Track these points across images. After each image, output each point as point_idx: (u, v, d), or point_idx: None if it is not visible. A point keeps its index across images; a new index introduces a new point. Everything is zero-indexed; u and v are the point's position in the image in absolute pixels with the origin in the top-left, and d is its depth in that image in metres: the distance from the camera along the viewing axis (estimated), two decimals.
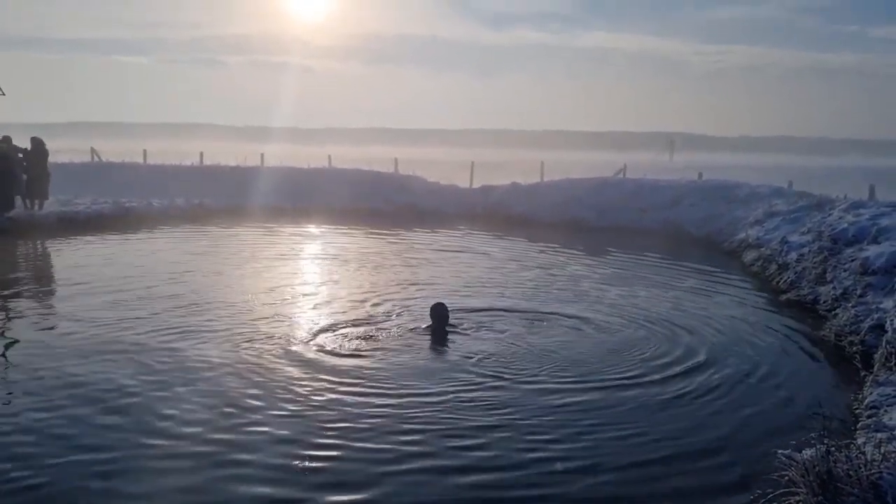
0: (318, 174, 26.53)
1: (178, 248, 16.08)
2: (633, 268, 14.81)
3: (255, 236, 18.31)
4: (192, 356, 7.95)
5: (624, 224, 21.38)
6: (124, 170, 26.71)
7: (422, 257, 15.59)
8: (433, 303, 9.49)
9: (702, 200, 21.46)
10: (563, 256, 16.21)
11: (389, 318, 9.77)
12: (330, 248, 16.77)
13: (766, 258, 14.38)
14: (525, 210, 23.01)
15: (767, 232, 16.06)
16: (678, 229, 20.31)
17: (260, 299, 10.81)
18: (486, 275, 13.49)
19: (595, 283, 12.92)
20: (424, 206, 24.21)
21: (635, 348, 8.63)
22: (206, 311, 9.97)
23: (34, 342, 8.46)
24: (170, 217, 20.99)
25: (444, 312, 9.21)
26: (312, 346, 8.42)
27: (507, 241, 18.67)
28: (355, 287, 11.93)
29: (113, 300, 10.59)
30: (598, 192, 23.28)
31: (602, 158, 73.48)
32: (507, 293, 11.71)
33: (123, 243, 16.70)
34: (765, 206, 18.50)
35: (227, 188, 24.38)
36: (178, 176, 26.06)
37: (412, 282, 12.47)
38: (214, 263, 14.29)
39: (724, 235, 18.48)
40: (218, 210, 22.46)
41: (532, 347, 8.57)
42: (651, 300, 11.45)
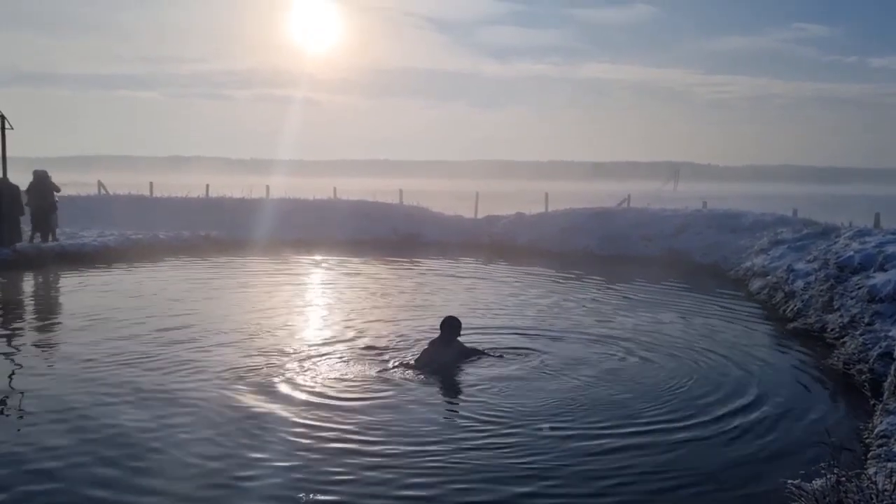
0: (324, 206, 26.66)
1: (183, 281, 16.10)
2: (638, 297, 14.76)
3: (260, 268, 18.33)
4: (194, 392, 7.89)
5: (629, 253, 21.37)
6: (131, 202, 26.90)
7: (427, 286, 15.56)
8: (445, 316, 9.30)
9: (707, 229, 21.47)
10: (570, 285, 16.18)
11: (395, 348, 9.71)
12: (335, 279, 16.77)
13: (772, 286, 14.32)
14: (530, 240, 23.03)
15: (773, 260, 16.02)
16: (683, 258, 20.28)
17: (264, 332, 10.76)
18: (496, 304, 13.45)
19: (603, 311, 12.87)
20: (429, 236, 24.27)
21: (646, 381, 8.50)
22: (211, 345, 9.91)
23: (35, 375, 8.44)
24: (176, 249, 21.06)
25: (457, 324, 9.01)
26: (316, 382, 8.26)
27: (513, 270, 18.65)
28: (361, 318, 11.88)
29: (116, 333, 10.57)
30: (602, 222, 23.31)
31: (606, 188, 73.70)
32: (519, 322, 11.65)
33: (129, 275, 16.72)
34: (770, 235, 18.48)
35: (232, 220, 24.51)
36: (184, 208, 26.22)
37: (418, 310, 12.43)
38: (219, 296, 14.30)
39: (729, 264, 18.44)
40: (224, 242, 22.54)
41: (553, 377, 8.41)
42: (657, 330, 11.38)
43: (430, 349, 8.86)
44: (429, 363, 8.64)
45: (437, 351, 8.80)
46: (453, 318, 9.19)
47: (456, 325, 9.05)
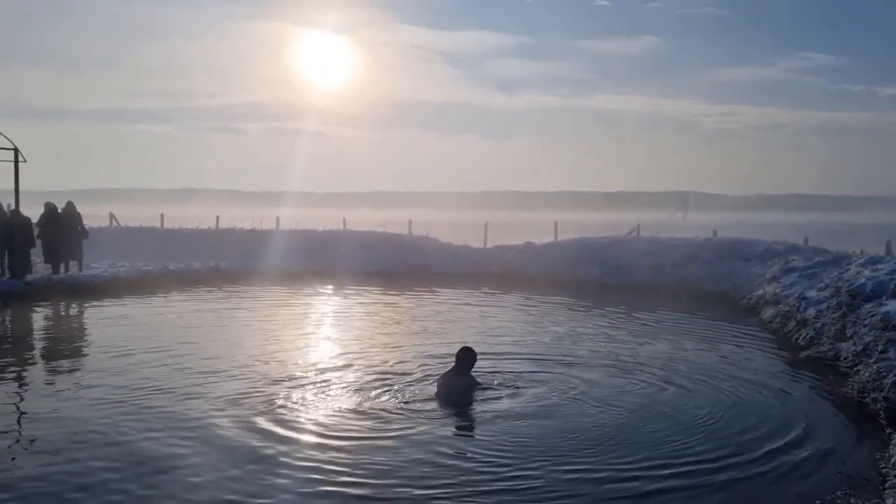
0: (333, 237, 26.73)
1: (194, 311, 16.14)
2: (650, 326, 14.69)
3: (270, 299, 18.34)
4: (206, 420, 7.88)
5: (639, 281, 21.27)
6: (142, 234, 27.04)
7: (438, 315, 15.54)
8: (460, 347, 9.17)
9: (717, 257, 21.38)
10: (582, 313, 16.13)
11: (406, 378, 9.66)
12: (346, 309, 16.78)
13: (784, 315, 14.21)
14: (539, 269, 22.96)
15: (785, 288, 15.91)
16: (694, 286, 20.16)
17: (276, 362, 10.74)
18: (509, 332, 13.42)
19: (618, 339, 12.81)
20: (439, 266, 24.25)
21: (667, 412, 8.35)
22: (221, 374, 9.91)
23: (46, 406, 8.44)
24: (186, 280, 21.11)
25: (472, 356, 8.90)
26: (326, 413, 8.25)
27: (524, 299, 18.61)
28: (371, 347, 11.86)
29: (126, 363, 10.59)
30: (612, 251, 23.25)
31: (615, 218, 73.71)
32: (534, 350, 11.63)
33: (140, 307, 16.76)
34: (781, 263, 18.39)
35: (242, 251, 24.59)
36: (195, 240, 26.33)
37: (429, 340, 12.40)
38: (230, 326, 14.32)
39: (741, 292, 18.33)
40: (234, 273, 22.59)
41: (576, 409, 8.27)
42: (673, 358, 11.29)
43: (443, 380, 8.79)
44: (442, 395, 8.57)
45: (450, 383, 8.70)
46: (468, 349, 9.08)
47: (471, 356, 8.94)
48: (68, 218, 19.63)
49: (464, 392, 8.64)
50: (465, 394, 8.62)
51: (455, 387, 8.63)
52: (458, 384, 8.68)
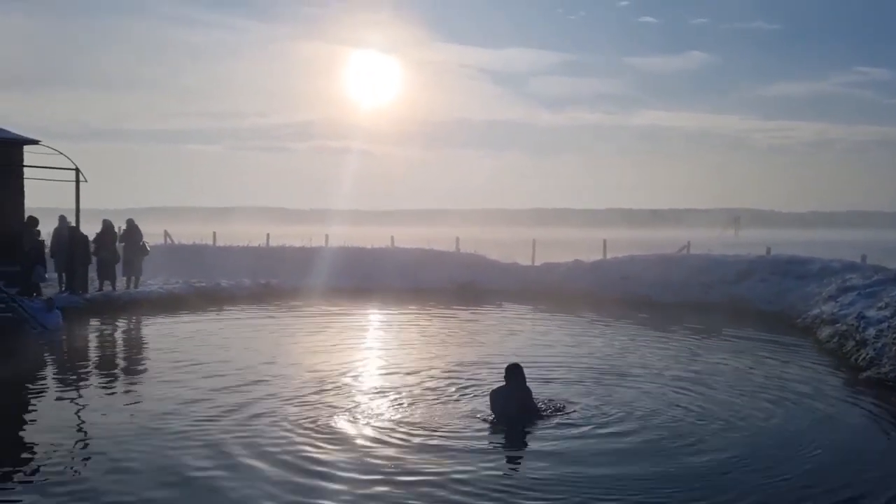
0: (382, 254, 26.88)
1: (245, 328, 16.41)
2: (704, 345, 14.46)
3: (319, 316, 18.53)
4: (255, 436, 7.96)
5: (690, 300, 20.91)
6: (195, 251, 27.55)
7: (487, 333, 15.50)
8: (509, 364, 8.85)
9: (771, 275, 20.92)
10: (633, 332, 15.95)
11: (458, 393, 9.65)
12: (397, 326, 16.88)
13: (842, 334, 13.81)
14: (589, 287, 22.75)
15: (842, 307, 15.48)
16: (747, 305, 19.76)
17: (324, 381, 10.79)
18: (563, 349, 13.32)
19: (676, 359, 12.62)
20: (487, 284, 24.20)
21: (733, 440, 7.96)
22: (272, 393, 10.00)
23: (104, 419, 8.63)
24: (238, 297, 21.46)
25: (520, 372, 8.60)
26: (382, 428, 8.24)
27: (573, 317, 18.47)
28: (423, 363, 11.88)
29: (180, 378, 10.79)
30: (662, 268, 22.93)
31: (665, 235, 72.72)
32: (586, 370, 11.50)
33: (193, 323, 17.09)
34: (838, 281, 17.91)
35: (292, 269, 24.84)
36: (246, 257, 26.71)
37: (479, 357, 12.36)
38: (280, 342, 14.50)
39: (796, 311, 17.88)
40: (284, 290, 22.88)
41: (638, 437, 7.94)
42: (729, 381, 11.05)
43: (495, 397, 8.63)
44: (495, 412, 8.46)
45: (502, 401, 8.52)
46: (516, 365, 8.87)
47: (519, 372, 8.72)
48: (130, 235, 20.15)
49: (521, 409, 8.46)
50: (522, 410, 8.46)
51: (508, 405, 8.44)
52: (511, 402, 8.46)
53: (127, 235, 20.14)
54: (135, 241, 20.26)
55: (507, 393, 8.53)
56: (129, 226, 20.41)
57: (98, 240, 19.54)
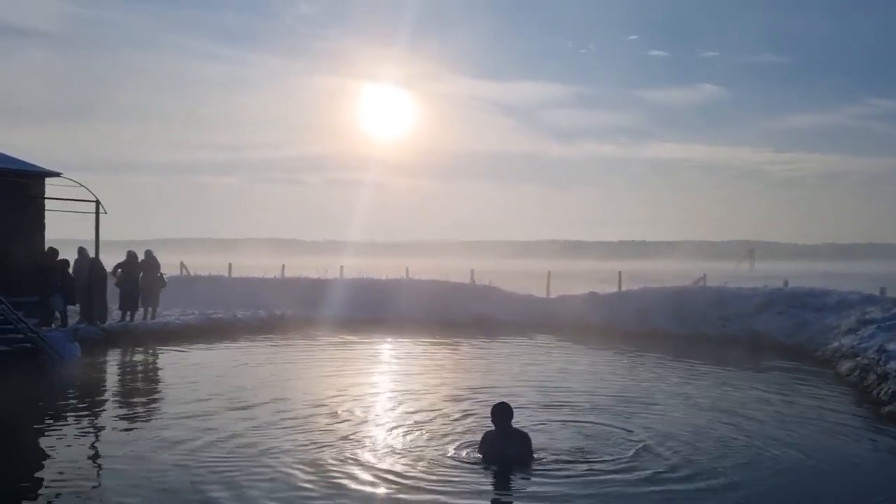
0: (397, 286, 26.90)
1: (260, 359, 16.43)
2: (723, 379, 14.31)
3: (333, 347, 18.54)
4: (269, 467, 7.93)
5: (706, 333, 20.77)
6: (211, 283, 27.72)
7: (500, 366, 15.45)
8: (494, 405, 8.17)
9: (789, 308, 20.76)
10: (650, 366, 15.84)
11: (466, 431, 9.59)
12: (409, 359, 16.84)
13: (862, 368, 13.66)
14: (604, 319, 22.66)
15: (862, 340, 15.34)
16: (765, 338, 19.60)
17: (338, 413, 10.76)
18: (577, 384, 13.20)
19: (693, 395, 12.51)
20: (502, 316, 24.15)
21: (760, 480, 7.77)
22: (285, 423, 9.99)
23: (120, 451, 8.64)
24: (253, 328, 21.52)
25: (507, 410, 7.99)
26: (381, 465, 8.18)
27: (588, 350, 18.39)
28: (433, 397, 11.84)
29: (196, 410, 10.79)
30: (678, 301, 22.82)
31: (680, 267, 72.47)
32: (600, 405, 11.37)
33: (209, 354, 17.15)
34: (857, 314, 17.77)
35: (307, 300, 24.91)
36: (262, 288, 26.83)
37: (489, 391, 12.29)
38: (295, 374, 14.52)
39: (815, 344, 17.72)
40: (299, 321, 22.93)
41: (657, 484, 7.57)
42: (749, 414, 10.91)
43: (487, 443, 8.11)
44: (489, 456, 7.99)
45: (495, 444, 8.00)
46: (502, 405, 8.17)
47: (500, 414, 8.03)
48: (148, 266, 20.32)
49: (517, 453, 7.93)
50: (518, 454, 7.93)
51: (505, 446, 7.93)
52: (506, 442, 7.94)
53: (145, 267, 20.30)
54: (153, 273, 20.42)
55: (491, 437, 8.06)
56: (148, 257, 20.58)
57: (121, 270, 19.71)
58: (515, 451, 7.94)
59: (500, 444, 7.96)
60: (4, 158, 18.19)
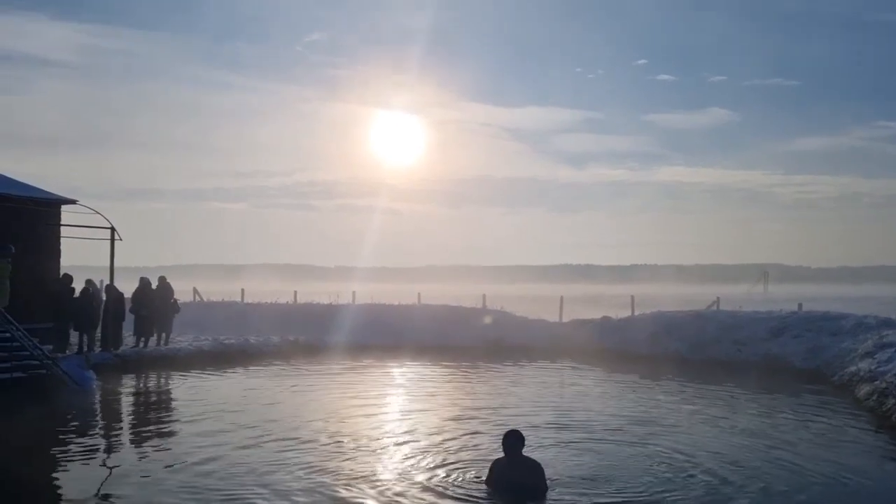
0: (409, 311, 26.87)
1: (272, 385, 16.42)
2: (742, 405, 14.19)
3: (346, 373, 18.51)
4: (282, 496, 7.90)
5: (721, 357, 20.60)
6: (224, 309, 27.79)
7: (512, 392, 15.36)
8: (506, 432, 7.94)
9: (805, 332, 20.57)
10: (664, 391, 15.73)
11: (475, 458, 9.53)
12: (423, 384, 16.78)
13: (881, 392, 13.50)
14: (618, 344, 22.54)
15: (881, 364, 15.16)
16: (781, 362, 19.42)
17: (347, 438, 10.72)
18: (586, 413, 13.09)
19: (703, 421, 12.40)
20: (515, 341, 24.02)
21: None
22: (297, 449, 9.97)
23: (135, 475, 8.63)
24: (266, 354, 21.50)
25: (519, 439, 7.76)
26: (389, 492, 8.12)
27: (602, 374, 18.27)
28: (443, 423, 11.78)
29: (207, 434, 10.78)
30: (692, 325, 22.67)
31: (693, 291, 72.11)
32: (613, 432, 11.29)
33: (221, 380, 17.15)
34: (874, 338, 17.58)
35: (320, 325, 24.89)
36: (274, 314, 26.86)
37: (500, 417, 12.22)
38: (306, 399, 14.48)
39: (832, 368, 17.53)
40: (311, 347, 22.91)
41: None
42: (772, 443, 10.74)
43: (496, 471, 7.92)
44: (498, 485, 7.82)
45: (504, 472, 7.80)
46: (513, 432, 7.95)
47: (517, 440, 7.83)
48: (162, 292, 20.41)
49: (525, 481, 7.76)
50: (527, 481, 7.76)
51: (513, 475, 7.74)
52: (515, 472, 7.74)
53: (159, 293, 20.39)
54: (166, 299, 20.50)
55: (499, 467, 7.87)
56: (161, 283, 20.68)
57: (135, 297, 19.79)
58: (526, 480, 7.78)
59: (511, 473, 7.80)
60: (22, 186, 18.40)
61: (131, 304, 19.68)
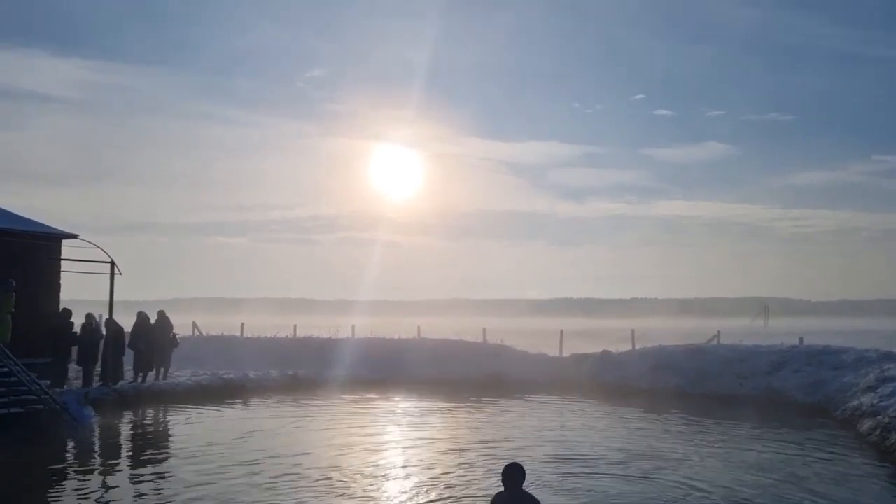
0: (408, 345, 26.77)
1: (271, 420, 16.30)
2: (743, 440, 14.08)
3: (345, 408, 18.40)
4: None
5: (722, 392, 20.49)
6: (223, 343, 27.68)
7: (512, 426, 15.25)
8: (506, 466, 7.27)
9: (806, 366, 20.48)
10: (665, 426, 15.61)
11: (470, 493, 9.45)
12: (421, 419, 16.66)
13: (884, 427, 13.42)
14: (618, 378, 22.43)
15: (883, 399, 15.09)
16: (782, 397, 19.32)
17: (348, 474, 10.66)
18: (587, 449, 12.99)
19: (705, 456, 12.30)
20: (515, 375, 23.91)
21: None
22: (293, 485, 9.91)
23: None
24: (265, 388, 21.38)
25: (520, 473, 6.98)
26: None
27: (603, 409, 18.15)
28: (441, 460, 11.69)
29: (205, 471, 10.70)
30: (693, 359, 22.58)
31: (693, 325, 71.84)
32: (614, 467, 11.20)
33: (220, 415, 17.04)
34: (876, 371, 17.51)
35: (319, 360, 24.80)
36: (273, 348, 26.76)
37: (500, 453, 12.13)
38: (305, 435, 14.38)
39: (834, 403, 17.43)
40: (311, 381, 22.79)
41: None
42: (775, 481, 10.66)
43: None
44: None
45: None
46: (514, 465, 7.21)
47: (518, 474, 7.04)
48: (161, 326, 20.35)
49: None
50: None
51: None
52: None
53: (157, 327, 20.32)
54: (165, 333, 20.43)
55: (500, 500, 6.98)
56: (160, 317, 20.62)
57: (134, 332, 19.72)
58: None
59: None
60: (23, 221, 18.45)
61: (130, 338, 19.59)
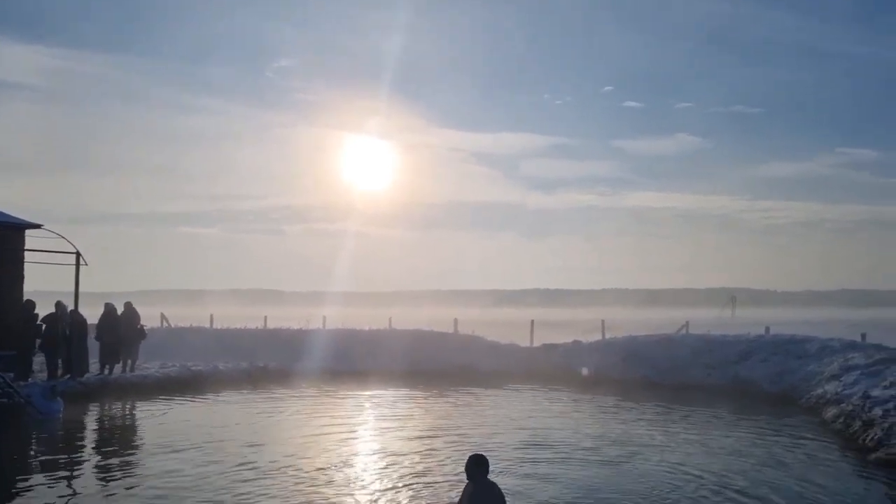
0: (379, 336, 26.71)
1: (240, 412, 16.18)
2: (711, 428, 14.26)
3: (315, 400, 18.32)
4: None
5: (691, 381, 20.73)
6: (192, 334, 27.37)
7: (482, 417, 15.30)
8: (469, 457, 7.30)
9: (772, 355, 20.80)
10: (633, 415, 15.77)
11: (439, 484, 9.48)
12: (391, 411, 16.65)
13: (848, 414, 13.68)
14: (589, 368, 22.60)
15: (846, 387, 15.38)
16: (749, 385, 19.61)
17: (315, 466, 10.60)
18: (555, 437, 13.08)
19: (672, 444, 12.44)
20: (486, 365, 23.97)
21: None
22: (261, 476, 9.89)
23: None
24: (235, 380, 21.19)
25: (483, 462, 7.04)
26: None
27: (572, 399, 18.27)
28: (413, 451, 11.70)
29: (172, 464, 10.60)
30: (662, 349, 22.82)
31: (662, 315, 72.63)
32: (584, 455, 11.29)
33: (189, 407, 16.87)
34: (840, 361, 17.84)
35: (290, 351, 24.63)
36: (243, 340, 26.53)
37: (470, 444, 12.18)
38: (275, 426, 14.30)
39: (799, 391, 17.73)
40: (281, 373, 22.64)
41: None
42: (741, 466, 10.86)
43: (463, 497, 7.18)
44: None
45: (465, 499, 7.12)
46: (473, 456, 7.25)
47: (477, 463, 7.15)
48: (128, 318, 20.04)
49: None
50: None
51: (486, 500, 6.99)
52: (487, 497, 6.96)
53: (125, 318, 20.03)
54: (132, 325, 20.14)
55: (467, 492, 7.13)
56: (127, 309, 20.32)
57: (101, 323, 19.40)
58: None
59: (472, 499, 7.62)
60: None
61: (96, 330, 19.30)
